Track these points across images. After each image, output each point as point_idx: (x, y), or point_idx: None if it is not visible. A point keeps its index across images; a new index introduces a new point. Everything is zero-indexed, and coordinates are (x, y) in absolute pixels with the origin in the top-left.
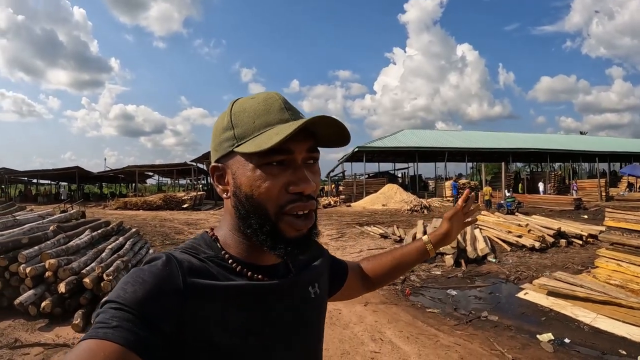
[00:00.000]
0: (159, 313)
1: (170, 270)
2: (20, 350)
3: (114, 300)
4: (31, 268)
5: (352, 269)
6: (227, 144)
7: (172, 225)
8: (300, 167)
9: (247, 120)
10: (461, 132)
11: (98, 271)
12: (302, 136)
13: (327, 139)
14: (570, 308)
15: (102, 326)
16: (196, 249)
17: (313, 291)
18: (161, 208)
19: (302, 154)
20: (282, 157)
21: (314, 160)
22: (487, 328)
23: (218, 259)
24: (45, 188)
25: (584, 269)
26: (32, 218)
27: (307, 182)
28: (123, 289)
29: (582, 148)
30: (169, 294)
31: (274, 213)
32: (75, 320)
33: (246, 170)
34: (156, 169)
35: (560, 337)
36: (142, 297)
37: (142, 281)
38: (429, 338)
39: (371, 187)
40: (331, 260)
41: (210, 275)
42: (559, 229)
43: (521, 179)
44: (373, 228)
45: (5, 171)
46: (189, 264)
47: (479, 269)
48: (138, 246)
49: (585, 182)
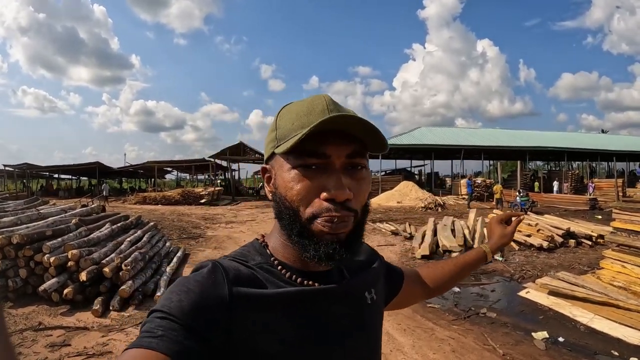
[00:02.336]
0: (204, 323)
1: (216, 279)
2: (43, 332)
3: (160, 310)
4: (55, 258)
5: (408, 276)
6: (271, 145)
7: (190, 219)
8: (336, 172)
9: (288, 121)
10: (479, 130)
11: (117, 261)
12: (339, 139)
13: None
14: (569, 308)
15: (147, 335)
16: (245, 256)
17: (369, 297)
18: (179, 203)
19: (341, 158)
20: (317, 161)
21: (359, 166)
22: (483, 324)
23: (267, 265)
24: (67, 183)
25: (589, 270)
26: (55, 212)
27: (341, 188)
28: (169, 299)
29: (601, 147)
30: (215, 303)
31: (305, 217)
32: (95, 306)
33: (283, 171)
34: (175, 165)
35: (555, 335)
36: (188, 307)
37: (187, 290)
38: (425, 331)
39: (387, 184)
40: (386, 267)
41: (258, 283)
42: (568, 229)
43: (538, 178)
44: (385, 225)
45: (27, 166)
46: (236, 272)
47: (485, 267)
48: (155, 239)
49: (602, 182)
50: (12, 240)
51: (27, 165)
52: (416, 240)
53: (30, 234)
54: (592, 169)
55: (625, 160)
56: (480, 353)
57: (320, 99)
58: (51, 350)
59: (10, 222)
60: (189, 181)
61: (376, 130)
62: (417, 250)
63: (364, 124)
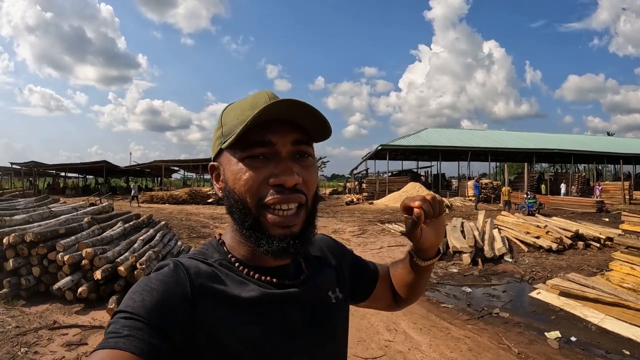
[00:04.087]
0: (169, 321)
1: (178, 277)
2: (59, 331)
3: (124, 310)
4: (69, 256)
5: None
6: (218, 142)
7: (198, 219)
8: (283, 160)
9: (233, 117)
10: (485, 132)
11: (132, 260)
12: (284, 128)
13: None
14: (580, 308)
15: (113, 336)
16: (204, 254)
17: (334, 296)
18: (186, 202)
19: (287, 146)
20: (263, 150)
21: (306, 154)
22: (497, 324)
23: (226, 262)
24: (73, 181)
25: (598, 272)
26: (66, 210)
27: (289, 174)
28: (132, 299)
29: (607, 149)
30: (178, 301)
31: (254, 206)
32: (110, 304)
33: (231, 165)
34: (182, 164)
35: (567, 335)
36: (151, 306)
37: (150, 289)
38: (441, 330)
39: (394, 185)
40: (355, 262)
41: (218, 280)
42: (577, 231)
43: (544, 180)
44: (394, 226)
45: (34, 164)
46: (197, 270)
47: (495, 268)
48: (167, 238)
49: (609, 185)
50: (25, 238)
51: (34, 163)
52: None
53: (43, 232)
54: (599, 172)
55: (631, 163)
56: (495, 352)
57: (262, 94)
58: (68, 350)
59: (22, 220)
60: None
61: (316, 111)
62: None
63: (305, 107)
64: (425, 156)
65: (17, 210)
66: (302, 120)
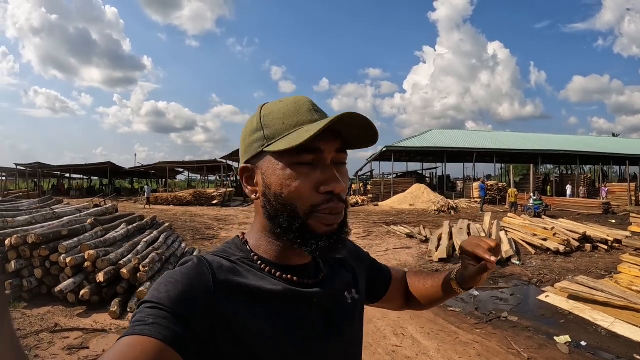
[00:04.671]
0: (192, 311)
1: (201, 271)
2: (60, 334)
3: (149, 301)
4: (71, 258)
5: (396, 280)
6: (257, 144)
7: (202, 220)
8: (329, 167)
9: (277, 121)
10: (490, 133)
11: (135, 262)
12: (330, 136)
13: (355, 139)
14: (590, 312)
15: (139, 324)
16: (227, 252)
17: (350, 296)
18: (191, 204)
19: (332, 153)
20: (312, 157)
21: (342, 162)
22: (506, 328)
23: (248, 260)
24: (77, 182)
25: (607, 274)
26: (69, 211)
27: (337, 180)
28: (157, 290)
29: (613, 150)
30: (200, 293)
31: (304, 212)
32: (112, 307)
33: (276, 169)
34: (186, 166)
35: (577, 339)
36: (175, 296)
37: (174, 282)
38: (449, 335)
39: (399, 186)
40: (371, 265)
41: (240, 275)
42: (584, 233)
43: (550, 181)
44: (399, 227)
45: (39, 166)
46: (219, 265)
47: (503, 271)
48: (171, 240)
49: (615, 186)
50: (27, 240)
51: (38, 164)
52: (432, 243)
53: (45, 234)
54: (604, 173)
55: (637, 164)
56: (505, 357)
57: (302, 100)
58: (69, 353)
59: (25, 222)
60: (200, 182)
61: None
62: (434, 253)
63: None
64: (430, 157)
65: (20, 212)
66: (347, 128)
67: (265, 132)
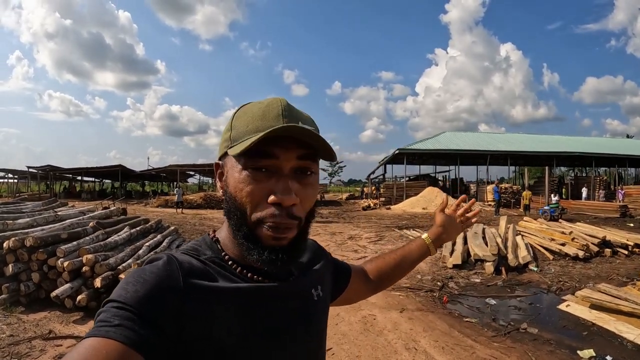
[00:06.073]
0: (160, 312)
1: (171, 270)
2: (53, 342)
3: (116, 300)
4: (69, 262)
5: (356, 273)
6: (225, 144)
7: (212, 224)
8: (284, 177)
9: (243, 123)
10: (504, 135)
11: (134, 267)
12: (291, 143)
13: (322, 150)
14: (614, 323)
15: (104, 325)
16: (197, 250)
17: (316, 293)
18: (201, 207)
19: (291, 162)
20: (267, 162)
21: (308, 171)
22: (525, 341)
23: (218, 259)
24: (89, 185)
25: (629, 281)
26: (73, 214)
27: (288, 193)
28: (124, 289)
29: (629, 152)
30: (169, 293)
31: (251, 218)
32: None
33: (234, 171)
34: (197, 169)
35: (602, 353)
36: (143, 296)
37: (143, 281)
38: (465, 349)
39: (411, 189)
40: (334, 264)
41: (210, 276)
42: (604, 237)
43: (565, 184)
44: (412, 232)
45: (50, 168)
46: (189, 265)
47: (520, 278)
48: (176, 244)
49: (632, 188)
50: (25, 243)
51: (50, 167)
52: (446, 248)
53: (44, 237)
54: (620, 175)
55: None
56: None
57: (276, 103)
58: None
59: (26, 224)
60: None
61: (324, 142)
62: (449, 259)
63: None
64: (442, 160)
65: (22, 214)
66: (310, 140)
67: (232, 133)
